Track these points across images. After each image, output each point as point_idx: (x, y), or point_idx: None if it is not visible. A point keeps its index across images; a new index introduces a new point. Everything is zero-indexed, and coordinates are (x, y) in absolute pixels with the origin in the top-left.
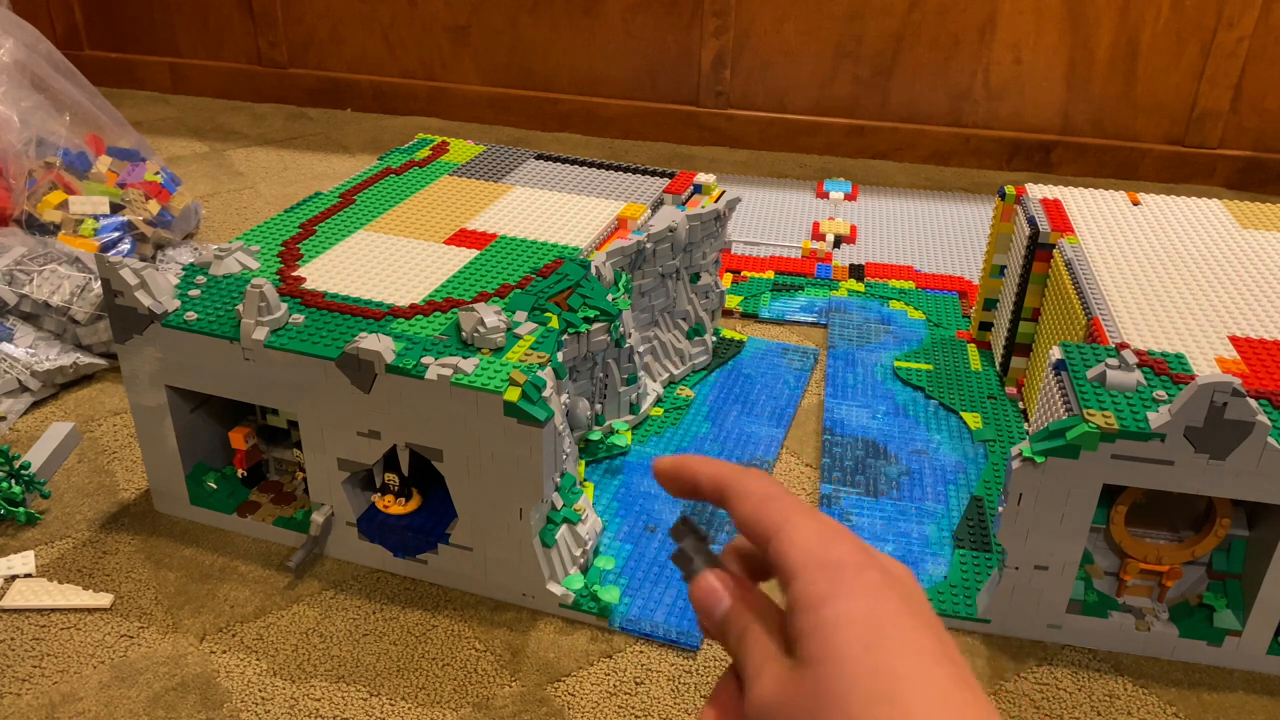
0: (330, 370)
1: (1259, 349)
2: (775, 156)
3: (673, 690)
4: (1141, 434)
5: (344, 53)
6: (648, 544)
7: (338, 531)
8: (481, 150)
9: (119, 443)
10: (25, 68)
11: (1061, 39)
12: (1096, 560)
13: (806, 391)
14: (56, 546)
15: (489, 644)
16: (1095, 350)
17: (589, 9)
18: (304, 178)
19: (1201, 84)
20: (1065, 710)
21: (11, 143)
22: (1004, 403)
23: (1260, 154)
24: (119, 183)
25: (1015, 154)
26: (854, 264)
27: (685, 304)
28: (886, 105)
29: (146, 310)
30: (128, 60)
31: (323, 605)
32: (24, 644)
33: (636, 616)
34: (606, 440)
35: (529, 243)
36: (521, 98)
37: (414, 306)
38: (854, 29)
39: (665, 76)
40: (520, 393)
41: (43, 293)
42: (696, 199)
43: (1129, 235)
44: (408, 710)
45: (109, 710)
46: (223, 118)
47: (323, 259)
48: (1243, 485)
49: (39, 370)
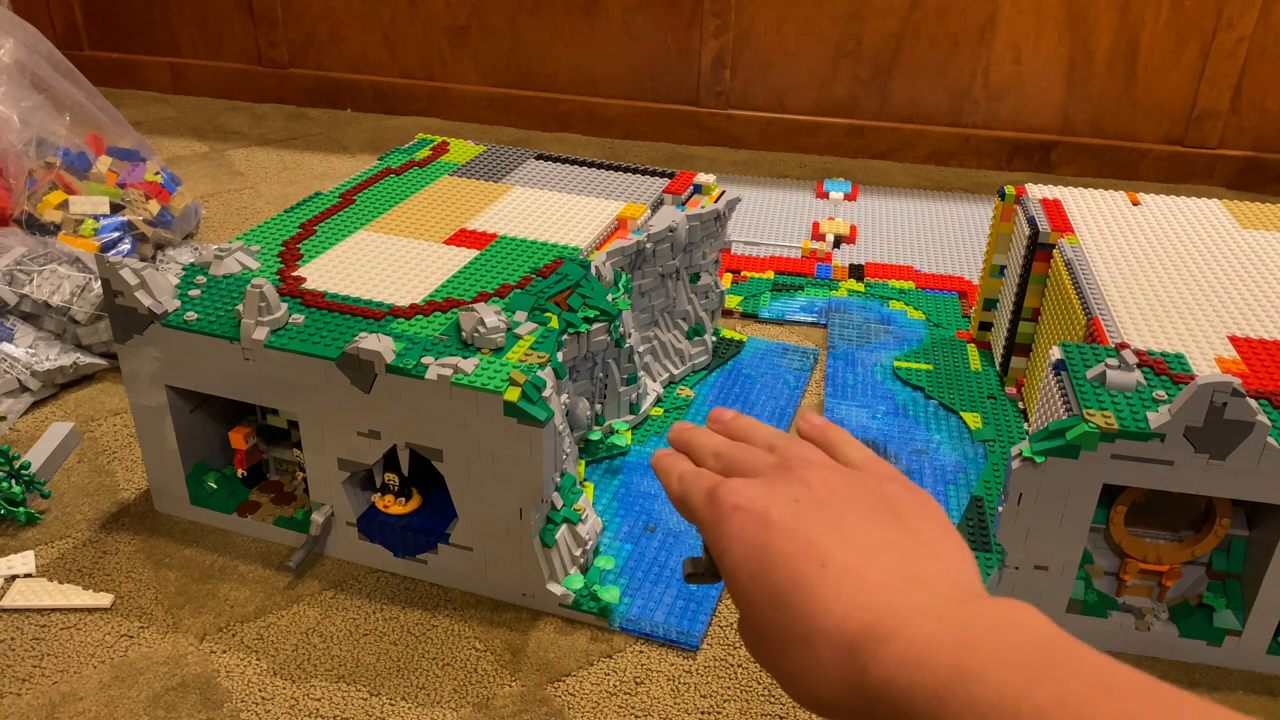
0: (330, 370)
1: (1259, 349)
2: (775, 156)
3: (673, 690)
4: (1141, 434)
5: (344, 53)
6: (648, 544)
7: (338, 531)
8: (481, 150)
9: (119, 443)
10: (25, 68)
11: (1061, 39)
12: (1096, 560)
13: (806, 391)
14: (56, 546)
15: (489, 644)
16: (1095, 350)
17: (589, 9)
18: (304, 178)
19: (1201, 84)
20: None
21: (11, 143)
22: (1004, 403)
23: (1260, 154)
24: (119, 183)
25: (1015, 154)
26: (854, 264)
27: (685, 304)
28: (886, 105)
29: (146, 310)
30: (128, 60)
31: (323, 605)
32: (24, 644)
33: (636, 616)
34: (606, 440)
35: (529, 243)
36: (521, 98)
37: (414, 306)
38: (854, 29)
39: (665, 76)
40: (520, 393)
41: (43, 293)
42: (696, 199)
43: (1129, 235)
44: (408, 710)
45: (109, 710)
46: (223, 118)
47: (323, 259)
48: (1243, 485)
49: (39, 370)
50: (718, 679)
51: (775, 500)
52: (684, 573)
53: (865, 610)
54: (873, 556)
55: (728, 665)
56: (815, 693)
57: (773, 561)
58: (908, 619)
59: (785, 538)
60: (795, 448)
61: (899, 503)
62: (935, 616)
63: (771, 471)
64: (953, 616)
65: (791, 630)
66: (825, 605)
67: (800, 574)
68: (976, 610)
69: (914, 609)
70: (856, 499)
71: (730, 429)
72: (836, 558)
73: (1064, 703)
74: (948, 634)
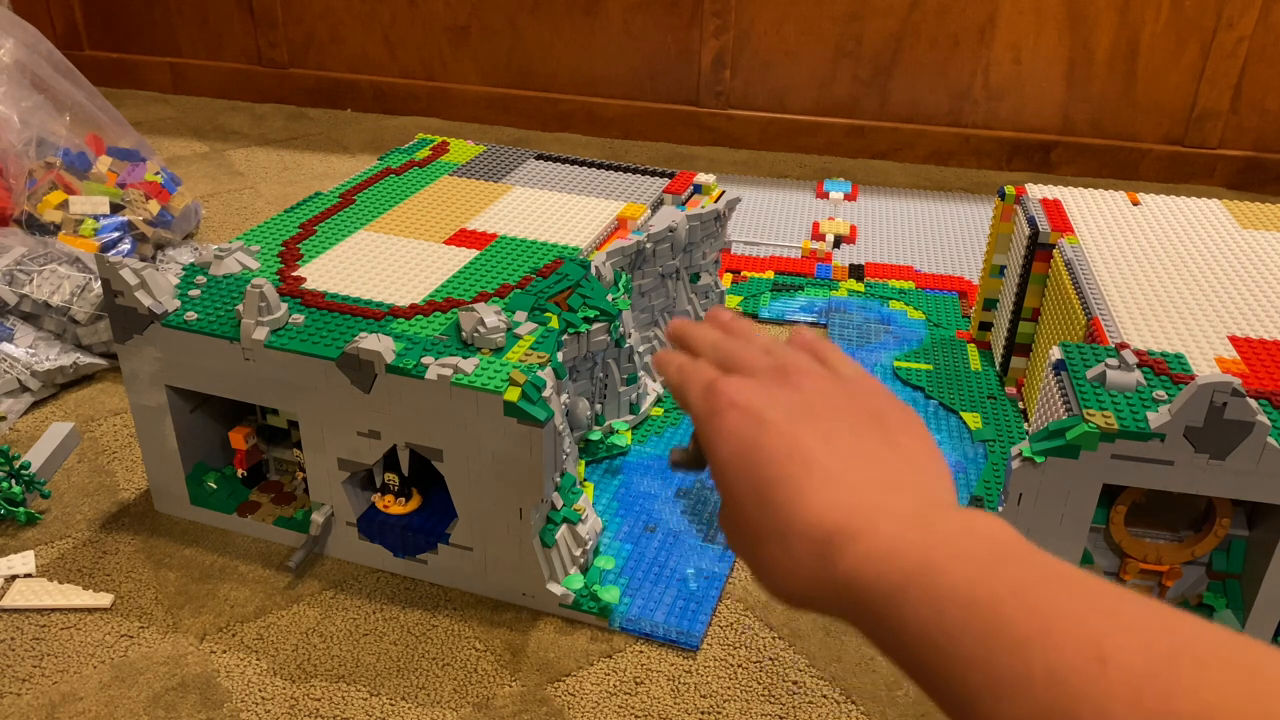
0: (330, 370)
1: (1259, 349)
2: (775, 156)
3: (673, 690)
4: (1141, 434)
5: (344, 53)
6: (648, 544)
7: (338, 531)
8: (481, 150)
9: (119, 443)
10: (25, 68)
11: (1061, 39)
12: (1096, 560)
13: None
14: (56, 546)
15: (489, 644)
16: (1095, 350)
17: (589, 9)
18: (304, 178)
19: (1201, 84)
20: None
21: (11, 143)
22: (1004, 403)
23: (1260, 154)
24: (119, 183)
25: (1015, 154)
26: (854, 264)
27: (685, 304)
28: (886, 105)
29: (146, 310)
30: (128, 60)
31: (323, 605)
32: (24, 644)
33: (636, 616)
34: (606, 440)
35: (529, 243)
36: (521, 98)
37: (414, 306)
38: (854, 29)
39: (665, 76)
40: (520, 393)
41: (43, 293)
42: (696, 199)
43: (1129, 235)
44: (408, 710)
45: (109, 710)
46: (223, 118)
47: (323, 259)
48: (1243, 485)
49: (39, 370)
50: (718, 679)
51: (770, 402)
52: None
53: (840, 510)
54: (856, 464)
55: (728, 665)
56: (787, 585)
57: (761, 458)
58: (879, 520)
59: (776, 438)
60: (791, 355)
61: (886, 417)
62: (906, 520)
63: (768, 374)
64: (923, 520)
65: (770, 525)
66: (805, 503)
67: (785, 473)
68: (947, 516)
69: (885, 513)
70: (846, 409)
71: (729, 329)
72: (821, 461)
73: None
74: (916, 535)
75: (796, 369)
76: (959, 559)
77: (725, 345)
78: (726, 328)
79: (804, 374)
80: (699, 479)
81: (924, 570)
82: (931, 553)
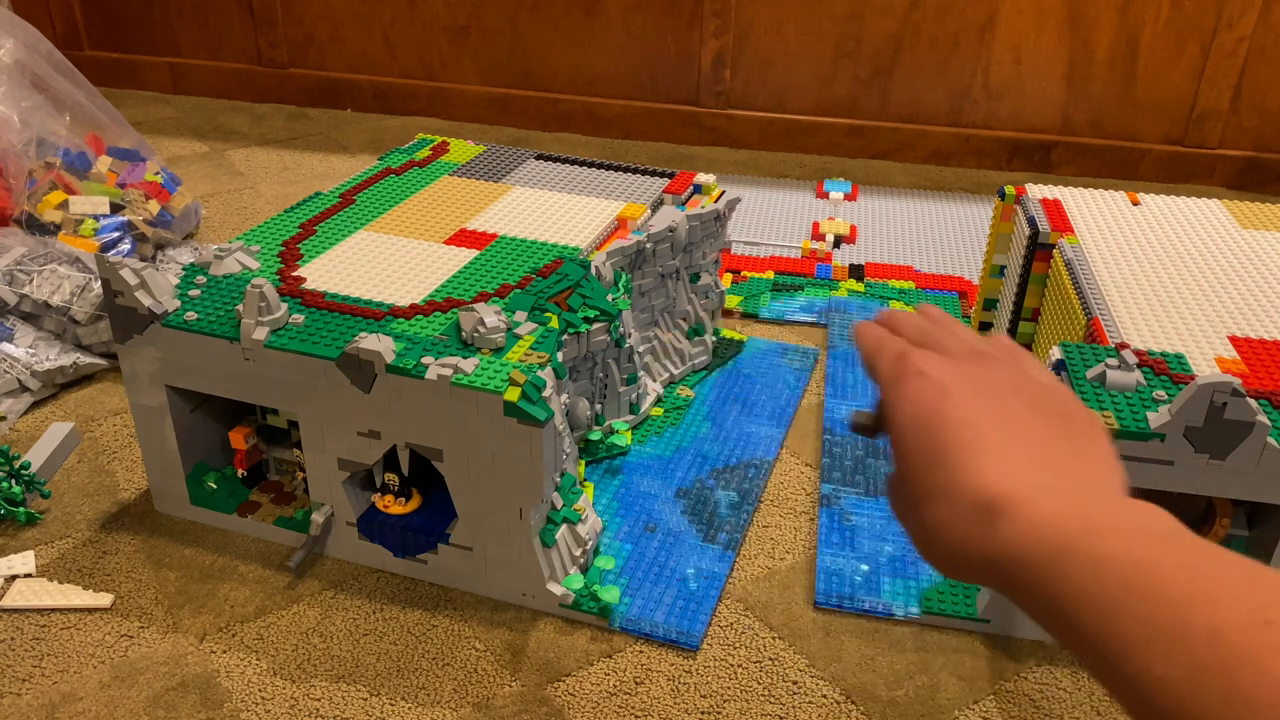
0: (330, 370)
1: (1259, 349)
2: (775, 156)
3: (673, 690)
4: (1141, 434)
5: (344, 53)
6: (648, 544)
7: (338, 531)
8: (481, 150)
9: (119, 443)
10: (25, 68)
11: (1061, 39)
12: None
13: (806, 391)
14: (56, 546)
15: (489, 644)
16: (1095, 350)
17: (589, 9)
18: (304, 178)
19: (1201, 84)
20: (1065, 710)
21: (11, 143)
22: None
23: (1260, 154)
24: (119, 183)
25: (1015, 154)
26: (854, 264)
27: (685, 304)
28: (886, 105)
29: (146, 310)
30: (128, 60)
31: (323, 605)
32: (24, 644)
33: (636, 616)
34: (606, 440)
35: (529, 243)
36: (521, 98)
37: (414, 306)
38: (854, 29)
39: (665, 76)
40: (520, 393)
41: (43, 293)
42: (696, 199)
43: (1129, 235)
44: (408, 710)
45: (109, 710)
46: (223, 118)
47: (323, 259)
48: (1243, 485)
49: (39, 370)
50: (718, 679)
51: (958, 377)
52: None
53: (1009, 480)
54: (1030, 445)
55: (728, 665)
56: (945, 547)
57: (939, 423)
58: (1043, 495)
59: (956, 408)
60: (991, 347)
61: (1072, 417)
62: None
63: (964, 355)
64: (1088, 498)
65: (939, 485)
66: (976, 467)
67: (959, 439)
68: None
69: (1051, 489)
70: (1034, 401)
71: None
72: (996, 437)
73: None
74: (1079, 508)
75: (992, 358)
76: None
77: (929, 329)
78: (934, 319)
79: (998, 363)
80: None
81: (1086, 535)
82: (1094, 521)
